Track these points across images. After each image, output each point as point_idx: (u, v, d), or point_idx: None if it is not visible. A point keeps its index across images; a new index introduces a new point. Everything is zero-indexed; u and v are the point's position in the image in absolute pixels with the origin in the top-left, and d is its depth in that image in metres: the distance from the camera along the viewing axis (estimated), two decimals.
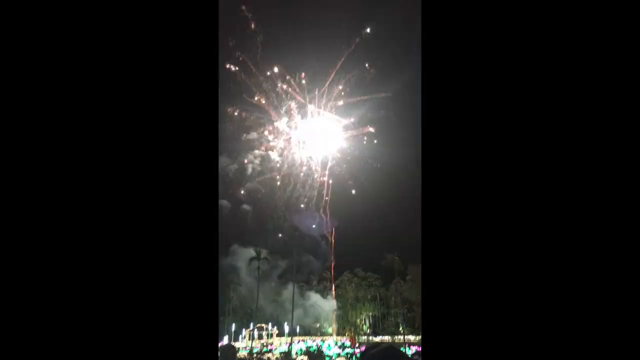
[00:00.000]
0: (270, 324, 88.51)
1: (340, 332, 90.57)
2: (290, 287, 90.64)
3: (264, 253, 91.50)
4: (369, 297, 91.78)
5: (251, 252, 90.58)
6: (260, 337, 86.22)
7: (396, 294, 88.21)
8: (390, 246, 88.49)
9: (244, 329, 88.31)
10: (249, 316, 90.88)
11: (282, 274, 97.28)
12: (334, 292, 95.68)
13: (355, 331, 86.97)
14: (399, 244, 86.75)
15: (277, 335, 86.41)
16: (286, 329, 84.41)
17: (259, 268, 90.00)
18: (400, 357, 3.12)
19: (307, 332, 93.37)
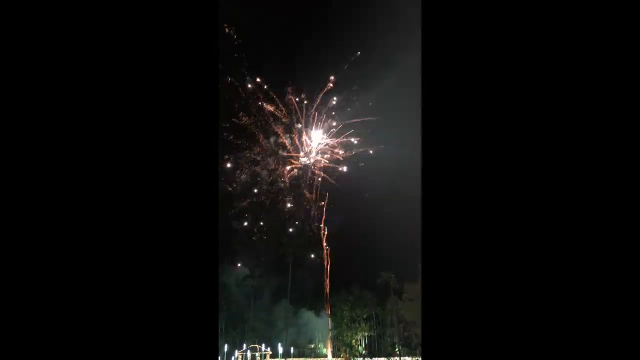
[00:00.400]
0: (263, 344, 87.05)
1: (335, 353, 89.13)
2: (283, 305, 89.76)
3: (257, 271, 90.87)
4: (364, 316, 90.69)
5: (241, 270, 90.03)
6: (253, 358, 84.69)
7: (392, 313, 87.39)
8: (386, 264, 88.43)
9: (236, 350, 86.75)
10: (241, 336, 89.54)
11: (275, 292, 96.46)
12: (329, 311, 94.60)
13: (351, 352, 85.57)
14: (394, 262, 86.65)
15: (271, 356, 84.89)
16: (280, 349, 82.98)
17: (252, 286, 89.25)
18: None
19: (301, 353, 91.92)
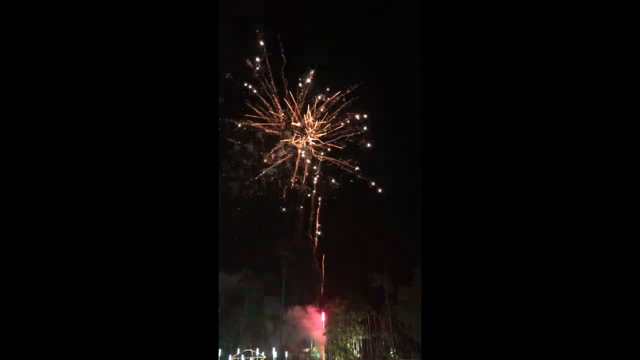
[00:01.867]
0: (257, 349, 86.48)
1: (329, 358, 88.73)
2: (276, 309, 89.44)
3: (250, 275, 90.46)
4: (359, 320, 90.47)
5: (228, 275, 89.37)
6: None
7: (387, 317, 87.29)
8: (380, 267, 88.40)
9: (230, 355, 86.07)
10: (235, 341, 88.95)
11: (268, 296, 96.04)
12: (323, 315, 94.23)
13: (345, 356, 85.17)
14: (389, 265, 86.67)
15: None
16: (274, 354, 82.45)
17: (246, 290, 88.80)
18: None
19: (295, 357, 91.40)
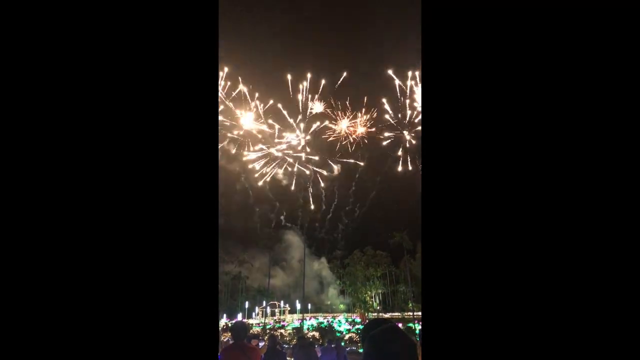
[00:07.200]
0: (282, 301, 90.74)
1: (350, 309, 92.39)
2: (299, 264, 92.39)
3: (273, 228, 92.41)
4: (378, 274, 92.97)
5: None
6: (272, 314, 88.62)
7: (405, 272, 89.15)
8: (398, 224, 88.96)
9: (257, 307, 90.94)
10: (261, 294, 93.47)
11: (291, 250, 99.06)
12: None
13: (366, 308, 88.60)
14: (407, 222, 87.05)
15: (289, 312, 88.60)
16: (298, 305, 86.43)
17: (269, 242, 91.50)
18: (401, 338, 3.30)
19: (318, 309, 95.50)
